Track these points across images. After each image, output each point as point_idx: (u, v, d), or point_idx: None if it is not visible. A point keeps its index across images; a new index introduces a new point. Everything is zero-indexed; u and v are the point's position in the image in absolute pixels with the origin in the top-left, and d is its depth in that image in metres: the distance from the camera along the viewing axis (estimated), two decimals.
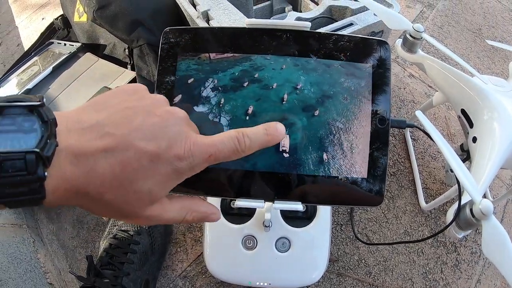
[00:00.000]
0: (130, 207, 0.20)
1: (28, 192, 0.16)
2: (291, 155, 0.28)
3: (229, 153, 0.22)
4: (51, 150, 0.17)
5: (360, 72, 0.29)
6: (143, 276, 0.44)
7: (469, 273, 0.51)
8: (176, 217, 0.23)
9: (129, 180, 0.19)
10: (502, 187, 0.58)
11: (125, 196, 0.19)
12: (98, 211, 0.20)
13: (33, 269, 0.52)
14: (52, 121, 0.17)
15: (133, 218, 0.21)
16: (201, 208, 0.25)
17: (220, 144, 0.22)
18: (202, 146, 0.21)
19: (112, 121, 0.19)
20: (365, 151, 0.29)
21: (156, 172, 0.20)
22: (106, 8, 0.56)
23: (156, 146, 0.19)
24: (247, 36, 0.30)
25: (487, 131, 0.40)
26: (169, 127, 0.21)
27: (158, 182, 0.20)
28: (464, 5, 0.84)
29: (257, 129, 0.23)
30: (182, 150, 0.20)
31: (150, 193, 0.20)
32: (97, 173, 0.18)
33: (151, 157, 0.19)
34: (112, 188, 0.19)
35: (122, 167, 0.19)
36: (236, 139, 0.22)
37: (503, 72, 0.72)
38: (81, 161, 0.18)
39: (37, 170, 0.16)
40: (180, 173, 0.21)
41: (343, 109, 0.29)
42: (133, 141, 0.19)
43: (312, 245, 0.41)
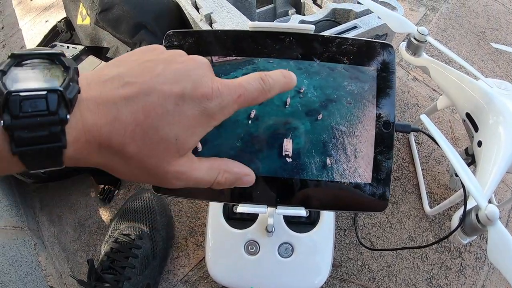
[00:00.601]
0: (156, 160, 0.18)
1: (48, 137, 0.15)
2: (294, 160, 0.28)
3: (256, 92, 0.21)
4: (74, 92, 0.16)
5: (364, 76, 0.29)
6: (144, 280, 0.44)
7: (473, 278, 0.50)
8: (205, 177, 0.21)
9: (153, 127, 0.18)
10: (507, 191, 0.58)
11: (150, 146, 0.18)
12: (121, 170, 0.19)
13: (34, 272, 0.52)
14: (74, 69, 0.17)
15: (160, 176, 0.19)
16: (234, 168, 0.23)
17: (247, 84, 0.20)
18: (230, 86, 0.20)
19: (133, 72, 0.18)
20: (369, 155, 0.28)
21: (182, 115, 0.18)
22: (109, 11, 0.56)
23: (180, 87, 0.18)
24: (250, 39, 0.29)
25: (493, 135, 0.39)
26: (192, 70, 0.19)
27: (185, 127, 0.18)
28: (467, 8, 0.84)
29: (275, 72, 0.22)
30: (209, 89, 0.19)
31: (177, 141, 0.18)
32: (120, 121, 0.17)
33: (176, 100, 0.18)
34: (136, 138, 0.17)
35: (146, 113, 0.17)
36: (260, 79, 0.21)
37: (507, 75, 0.72)
38: (103, 110, 0.17)
39: (59, 110, 0.15)
40: (209, 115, 0.19)
41: (346, 113, 0.28)
42: (155, 86, 0.18)
43: (315, 251, 0.41)
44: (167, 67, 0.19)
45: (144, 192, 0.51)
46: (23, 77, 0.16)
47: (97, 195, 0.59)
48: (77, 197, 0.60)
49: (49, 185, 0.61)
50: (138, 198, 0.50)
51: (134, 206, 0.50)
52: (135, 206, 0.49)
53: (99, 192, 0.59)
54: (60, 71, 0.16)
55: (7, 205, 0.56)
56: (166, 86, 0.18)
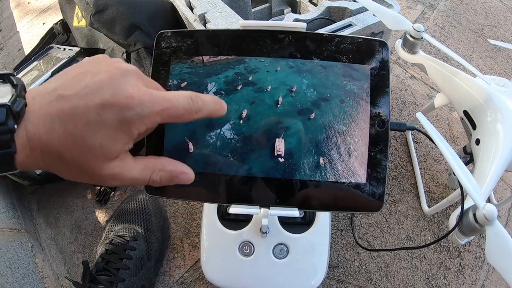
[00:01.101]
0: (89, 165, 0.20)
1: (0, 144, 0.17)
2: (286, 160, 0.28)
3: (182, 110, 0.22)
4: (20, 106, 0.18)
5: (358, 74, 0.28)
6: (139, 282, 0.44)
7: (473, 278, 0.49)
8: (139, 177, 0.22)
9: (80, 136, 0.19)
10: (507, 189, 0.57)
11: (81, 153, 0.20)
12: (65, 173, 0.21)
13: (31, 274, 0.52)
14: (21, 86, 0.19)
15: (97, 177, 0.21)
16: (168, 167, 0.24)
17: (175, 99, 0.21)
18: (155, 97, 0.21)
19: (65, 85, 0.20)
20: (364, 155, 0.28)
21: (102, 124, 0.20)
22: (103, 12, 0.56)
23: (101, 98, 0.20)
24: (241, 38, 0.29)
25: (491, 133, 0.39)
26: (115, 79, 0.20)
27: (107, 135, 0.20)
28: (465, 5, 0.83)
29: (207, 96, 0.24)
30: (129, 98, 0.20)
31: (102, 148, 0.20)
32: (55, 131, 0.19)
33: (97, 110, 0.19)
34: (69, 145, 0.19)
35: (73, 123, 0.19)
36: (190, 99, 0.22)
37: (506, 72, 0.71)
38: (41, 122, 0.19)
39: (8, 122, 0.17)
40: (128, 123, 0.20)
41: (340, 112, 0.28)
42: (80, 99, 0.19)
43: (311, 252, 0.40)
44: (93, 77, 0.20)
45: (139, 194, 0.51)
46: None
47: (93, 196, 0.59)
48: (73, 199, 0.60)
49: (46, 187, 0.61)
50: (133, 199, 0.50)
51: (129, 207, 0.49)
52: (130, 208, 0.49)
53: (95, 194, 0.59)
54: (10, 89, 0.19)
55: (4, 207, 0.56)
56: (89, 97, 0.20)
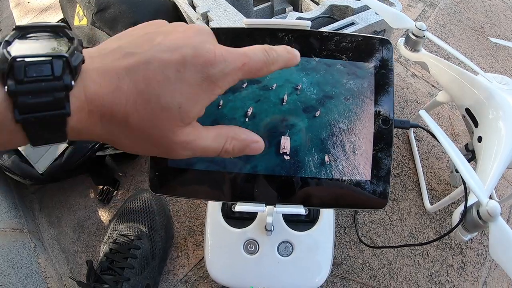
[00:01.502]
0: (160, 130, 0.18)
1: (52, 103, 0.15)
2: (292, 158, 0.28)
3: (260, 63, 0.20)
4: (78, 60, 0.16)
5: (362, 72, 0.29)
6: (143, 281, 0.44)
7: (475, 275, 0.50)
8: (213, 145, 0.20)
9: (155, 95, 0.17)
10: (508, 187, 0.57)
11: (153, 115, 0.17)
12: (125, 142, 0.19)
13: (34, 274, 0.52)
14: (78, 40, 0.17)
15: (165, 146, 0.19)
16: (241, 135, 0.22)
17: (252, 53, 0.20)
18: (235, 53, 0.19)
19: (133, 44, 0.18)
20: (368, 152, 0.28)
21: (184, 82, 0.18)
22: (105, 11, 0.56)
23: (180, 54, 0.18)
24: (245, 36, 0.29)
25: (493, 131, 0.39)
26: (193, 37, 0.19)
27: (188, 95, 0.18)
28: (466, 4, 0.83)
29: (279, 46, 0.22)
30: (212, 55, 0.18)
31: (180, 109, 0.18)
32: (122, 91, 0.17)
33: (177, 67, 0.18)
34: (138, 107, 0.17)
35: (147, 82, 0.17)
36: (265, 51, 0.20)
37: (506, 70, 0.71)
38: (104, 80, 0.17)
39: (64, 76, 0.15)
40: (212, 81, 0.18)
41: (345, 109, 0.28)
42: (155, 54, 0.17)
43: (315, 249, 0.41)
44: (166, 36, 0.18)
45: (143, 192, 0.51)
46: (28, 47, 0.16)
47: (96, 196, 0.59)
48: (76, 198, 0.60)
49: (48, 186, 0.61)
50: (137, 198, 0.50)
51: (133, 206, 0.49)
52: (133, 207, 0.49)
53: (98, 193, 0.59)
54: (65, 42, 0.16)
55: (6, 207, 0.56)
56: (166, 54, 0.18)
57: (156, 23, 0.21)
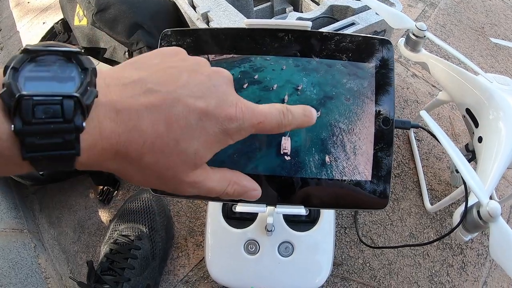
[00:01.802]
0: (172, 171, 0.18)
1: (61, 145, 0.14)
2: (292, 158, 0.28)
3: (275, 124, 0.21)
4: (91, 98, 0.15)
5: (362, 72, 0.29)
6: (144, 281, 0.44)
7: (475, 275, 0.50)
8: (217, 187, 0.21)
9: (175, 140, 0.17)
10: (508, 187, 0.57)
11: (169, 158, 0.18)
12: (136, 177, 0.18)
13: (34, 274, 0.52)
14: (92, 70, 0.15)
15: (175, 184, 0.19)
16: (243, 181, 0.23)
17: (269, 113, 0.20)
18: (253, 111, 0.20)
19: (156, 78, 0.17)
20: (369, 152, 0.28)
21: (204, 131, 0.18)
22: (105, 11, 0.56)
23: (205, 103, 0.18)
24: (246, 36, 0.29)
25: (493, 131, 0.39)
26: (217, 86, 0.19)
27: (205, 143, 0.18)
28: (466, 4, 0.83)
29: (297, 108, 0.22)
30: (233, 111, 0.19)
31: (195, 155, 0.18)
32: (140, 131, 0.16)
33: (200, 115, 0.18)
34: (155, 149, 0.17)
35: (168, 125, 0.17)
36: (282, 113, 0.21)
37: (506, 70, 0.71)
38: (122, 117, 0.16)
39: (75, 118, 0.14)
40: (228, 134, 0.19)
41: (345, 110, 0.28)
42: (180, 98, 0.17)
43: (316, 249, 0.41)
44: (192, 77, 0.18)
45: (143, 193, 0.51)
46: (37, 76, 0.15)
47: (96, 196, 0.59)
48: (76, 199, 0.60)
49: (48, 187, 0.61)
50: (137, 198, 0.50)
51: (133, 206, 0.49)
52: (134, 207, 0.49)
53: (98, 193, 0.59)
54: (77, 72, 0.15)
55: (7, 208, 0.56)
56: (191, 100, 0.17)
57: (177, 53, 0.21)
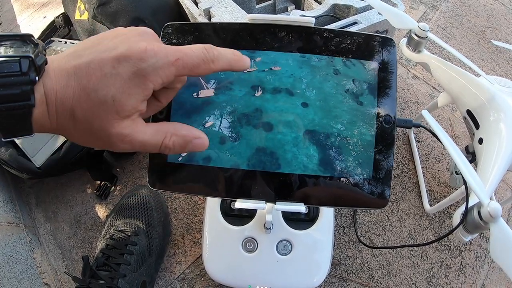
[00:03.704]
0: (99, 122, 0.20)
1: (20, 95, 0.18)
2: (293, 155, 0.28)
3: (197, 59, 0.21)
4: (42, 60, 0.19)
5: (366, 70, 0.28)
6: (140, 278, 0.43)
7: (473, 277, 0.50)
8: (151, 140, 0.22)
9: (94, 90, 0.20)
10: (507, 190, 0.57)
11: (93, 108, 0.20)
12: (74, 134, 0.21)
13: (29, 269, 0.51)
14: (42, 46, 0.20)
15: (105, 138, 0.21)
16: (181, 131, 0.23)
17: (188, 49, 0.21)
18: (169, 49, 0.21)
19: (84, 47, 0.21)
20: (370, 151, 0.28)
21: (117, 77, 0.20)
22: (107, 5, 0.55)
23: (117, 52, 0.20)
24: (249, 32, 0.29)
25: (494, 132, 0.39)
26: (132, 37, 0.21)
27: (121, 89, 0.20)
28: (467, 7, 0.84)
29: (224, 48, 0.23)
30: (143, 50, 0.20)
31: (114, 102, 0.20)
32: (70, 87, 0.20)
33: (112, 63, 0.20)
34: (81, 101, 0.20)
35: (88, 78, 0.20)
36: (204, 48, 0.22)
37: (507, 74, 0.71)
38: (58, 77, 0.20)
39: (29, 72, 0.18)
40: (143, 76, 0.20)
41: (347, 107, 0.28)
42: (96, 54, 0.20)
43: (314, 248, 0.40)
44: (112, 39, 0.21)
45: (141, 188, 0.51)
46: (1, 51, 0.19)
47: (93, 191, 0.59)
48: (73, 194, 0.59)
49: (45, 181, 0.61)
50: (135, 194, 0.50)
51: (131, 202, 0.49)
52: (131, 202, 0.49)
53: (95, 188, 0.58)
54: (31, 48, 0.19)
55: (3, 201, 0.56)
56: (105, 53, 0.20)
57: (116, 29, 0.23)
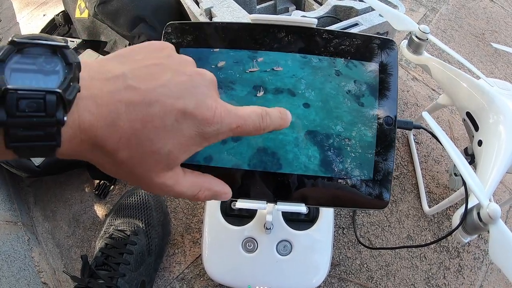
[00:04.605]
0: (144, 170, 0.19)
1: (43, 137, 0.15)
2: (294, 155, 0.28)
3: (253, 128, 0.21)
4: (74, 93, 0.15)
5: (367, 71, 0.28)
6: (139, 277, 0.43)
7: (471, 279, 0.50)
8: (187, 192, 0.21)
9: (149, 139, 0.18)
10: (505, 192, 0.57)
11: (142, 156, 0.18)
12: (111, 170, 0.19)
13: (27, 267, 0.51)
14: (76, 64, 0.16)
15: (145, 183, 0.20)
16: (214, 187, 0.23)
17: (248, 117, 0.21)
18: (232, 115, 0.20)
19: (137, 75, 0.18)
20: (371, 152, 0.28)
21: (179, 133, 0.18)
22: (108, 3, 0.55)
23: (183, 105, 0.18)
24: (251, 32, 0.29)
25: (493, 135, 0.39)
26: (198, 87, 0.19)
27: (179, 145, 0.19)
28: (467, 10, 0.84)
29: (274, 111, 0.22)
30: (212, 114, 0.19)
31: (168, 156, 0.19)
32: (117, 127, 0.17)
33: (176, 117, 0.18)
34: (130, 146, 0.17)
35: (144, 123, 0.17)
36: (260, 116, 0.21)
37: (506, 76, 0.72)
38: (102, 112, 0.16)
39: (57, 113, 0.15)
40: (204, 138, 0.19)
41: (348, 108, 0.28)
42: (158, 97, 0.17)
43: (314, 249, 0.40)
44: (173, 77, 0.19)
45: (140, 188, 0.51)
46: (22, 68, 0.15)
47: (92, 190, 0.58)
48: (72, 192, 0.59)
49: (44, 179, 0.60)
50: (134, 193, 0.50)
51: (130, 201, 0.49)
52: (130, 202, 0.49)
53: (94, 187, 0.58)
54: (61, 66, 0.16)
55: (1, 200, 0.55)
56: (169, 100, 0.18)
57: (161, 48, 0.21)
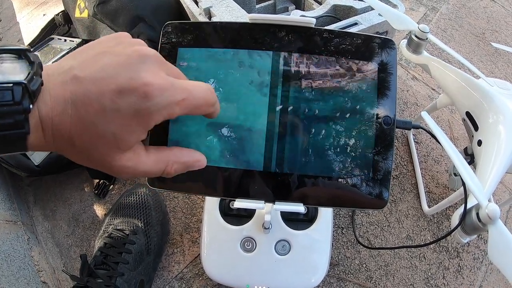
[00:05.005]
0: (99, 154, 0.19)
1: (13, 125, 0.16)
2: (293, 155, 0.28)
3: (202, 101, 0.21)
4: (37, 85, 0.17)
5: (365, 70, 0.28)
6: (138, 276, 0.43)
7: (471, 279, 0.50)
8: (153, 169, 0.21)
9: (92, 123, 0.18)
10: (505, 192, 0.57)
11: (92, 140, 0.19)
12: (76, 157, 0.20)
13: (27, 267, 0.51)
14: (38, 63, 0.18)
15: (106, 168, 0.20)
16: (182, 158, 0.23)
17: (193, 89, 0.20)
18: (175, 87, 0.19)
19: (83, 65, 0.19)
20: (370, 151, 0.28)
21: (117, 113, 0.18)
22: (107, 3, 0.55)
23: (117, 83, 0.18)
24: (249, 31, 0.29)
25: (493, 134, 0.39)
26: (134, 64, 0.19)
27: (121, 125, 0.18)
28: (467, 9, 0.84)
29: None
30: (149, 88, 0.18)
31: (114, 138, 0.19)
32: (67, 115, 0.18)
33: (111, 96, 0.18)
34: (79, 131, 0.18)
35: (86, 108, 0.18)
36: (208, 90, 0.21)
37: (506, 76, 0.72)
38: (54, 103, 0.18)
39: (23, 101, 0.16)
40: (145, 113, 0.19)
41: (347, 107, 0.28)
42: (94, 80, 0.18)
43: (313, 249, 0.40)
44: (112, 60, 0.19)
45: (140, 187, 0.51)
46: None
47: (91, 189, 0.58)
48: (71, 192, 0.59)
49: (44, 179, 0.60)
50: (133, 193, 0.50)
51: (129, 201, 0.49)
52: (130, 201, 0.49)
53: (93, 187, 0.58)
54: (26, 65, 0.18)
55: (1, 199, 0.56)
56: (103, 82, 0.18)
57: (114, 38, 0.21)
